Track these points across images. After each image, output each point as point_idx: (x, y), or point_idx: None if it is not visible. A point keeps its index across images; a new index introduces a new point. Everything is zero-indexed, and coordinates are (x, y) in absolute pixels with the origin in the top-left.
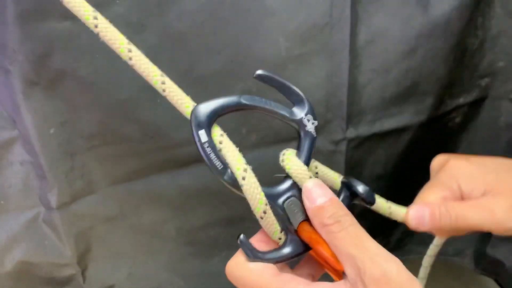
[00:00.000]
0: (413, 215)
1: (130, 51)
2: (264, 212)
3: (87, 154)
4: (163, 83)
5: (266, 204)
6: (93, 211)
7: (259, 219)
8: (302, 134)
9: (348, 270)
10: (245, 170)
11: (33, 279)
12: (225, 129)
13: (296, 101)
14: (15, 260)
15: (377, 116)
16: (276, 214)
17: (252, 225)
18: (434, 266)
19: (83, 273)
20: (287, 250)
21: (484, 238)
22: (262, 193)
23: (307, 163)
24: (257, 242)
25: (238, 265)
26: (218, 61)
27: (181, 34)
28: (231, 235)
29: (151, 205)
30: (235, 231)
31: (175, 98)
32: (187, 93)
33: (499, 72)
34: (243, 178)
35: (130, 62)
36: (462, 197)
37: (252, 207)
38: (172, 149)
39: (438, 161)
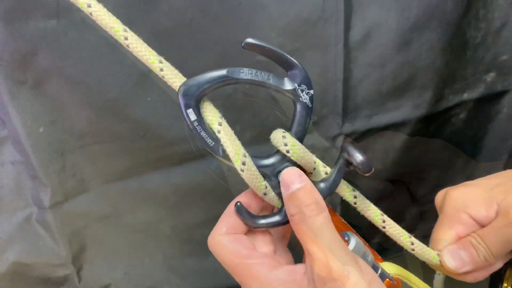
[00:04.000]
0: (451, 258)
1: (126, 38)
2: (265, 194)
3: (78, 153)
4: (161, 70)
5: (266, 187)
6: (87, 210)
7: (262, 198)
8: (297, 105)
9: (306, 262)
10: (243, 163)
11: (28, 280)
12: None
13: (290, 70)
14: (9, 261)
15: (374, 111)
16: (271, 185)
17: None
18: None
19: (78, 273)
20: (279, 217)
21: None
22: (261, 180)
23: (302, 135)
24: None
25: (214, 239)
26: (209, 58)
27: (170, 31)
28: None
29: (145, 204)
30: None
31: (175, 84)
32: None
33: (503, 65)
34: (242, 170)
35: (128, 49)
36: (478, 224)
37: (254, 190)
38: (164, 148)
39: (438, 197)
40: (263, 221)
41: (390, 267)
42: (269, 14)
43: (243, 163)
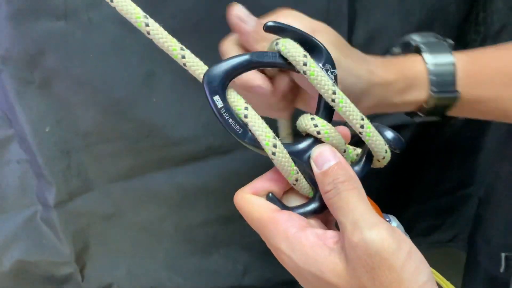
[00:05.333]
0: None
1: (147, 25)
2: (296, 180)
3: (83, 152)
4: (183, 57)
5: (297, 172)
6: (91, 209)
7: (292, 185)
8: None
9: (340, 232)
10: (274, 145)
11: (31, 278)
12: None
13: (313, 51)
14: (13, 259)
15: (376, 114)
16: (303, 171)
17: None
18: (429, 254)
19: (81, 271)
20: (314, 204)
21: (476, 223)
22: (293, 164)
23: (329, 119)
24: (268, 181)
25: (243, 196)
26: (214, 59)
27: (176, 33)
28: (229, 232)
29: (148, 203)
30: (233, 229)
31: (197, 72)
32: (184, 91)
33: None
34: (273, 154)
35: (149, 36)
36: None
37: (284, 176)
38: (168, 148)
39: None
40: (299, 211)
41: None
42: None
43: (274, 146)
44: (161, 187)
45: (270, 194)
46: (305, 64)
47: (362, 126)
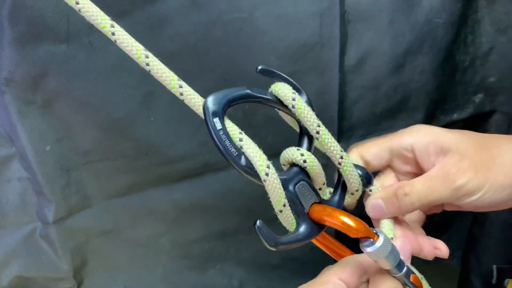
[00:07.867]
0: (371, 207)
1: (147, 56)
2: (284, 205)
3: (83, 170)
4: (180, 86)
5: (285, 198)
6: (89, 225)
7: (278, 213)
8: (304, 126)
9: None
10: (268, 167)
11: None
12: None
13: (297, 92)
14: (12, 275)
15: (368, 131)
16: (289, 199)
17: (245, 237)
18: (424, 270)
19: (79, 286)
20: (301, 232)
21: (472, 240)
22: (282, 189)
23: (310, 150)
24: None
25: None
26: (211, 80)
27: (174, 55)
28: (225, 248)
29: (146, 219)
30: (229, 244)
31: (193, 101)
32: (181, 111)
33: (490, 87)
34: (266, 174)
35: (147, 68)
36: (416, 163)
37: (273, 202)
38: (165, 165)
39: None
40: (283, 240)
41: None
42: (269, 39)
43: (268, 167)
44: (158, 203)
45: (258, 222)
46: (293, 99)
47: (341, 157)
